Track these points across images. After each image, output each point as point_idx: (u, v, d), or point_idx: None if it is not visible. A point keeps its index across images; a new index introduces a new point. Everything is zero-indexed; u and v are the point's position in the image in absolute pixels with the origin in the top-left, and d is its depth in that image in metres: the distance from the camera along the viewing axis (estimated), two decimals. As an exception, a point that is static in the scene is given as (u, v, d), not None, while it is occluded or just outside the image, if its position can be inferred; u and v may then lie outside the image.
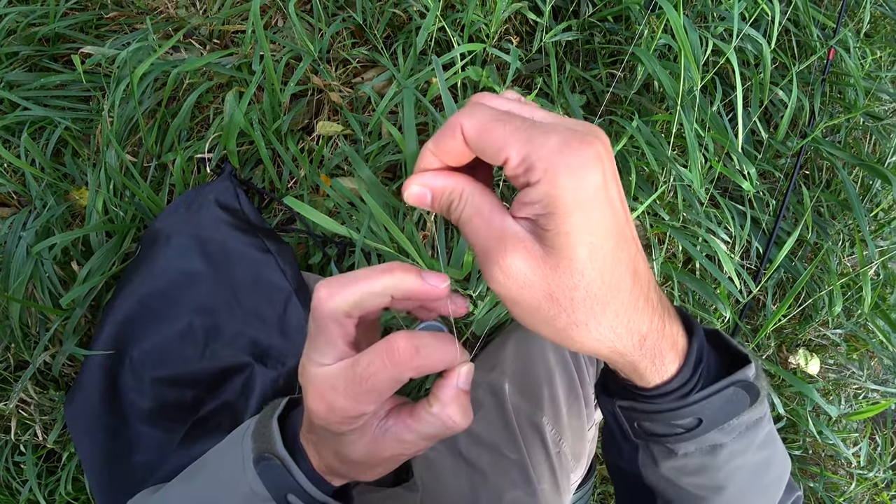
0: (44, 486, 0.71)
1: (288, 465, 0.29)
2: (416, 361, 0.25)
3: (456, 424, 0.27)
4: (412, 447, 0.27)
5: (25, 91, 0.76)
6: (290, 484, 0.29)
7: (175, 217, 0.67)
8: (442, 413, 0.26)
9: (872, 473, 0.94)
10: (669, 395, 0.26)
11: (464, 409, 0.27)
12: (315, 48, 0.78)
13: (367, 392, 0.25)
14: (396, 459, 0.28)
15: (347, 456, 0.28)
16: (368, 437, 0.27)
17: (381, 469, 0.29)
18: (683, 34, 0.65)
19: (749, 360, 0.26)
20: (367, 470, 0.29)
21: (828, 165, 0.98)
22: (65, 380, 0.70)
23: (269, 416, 0.32)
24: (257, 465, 0.29)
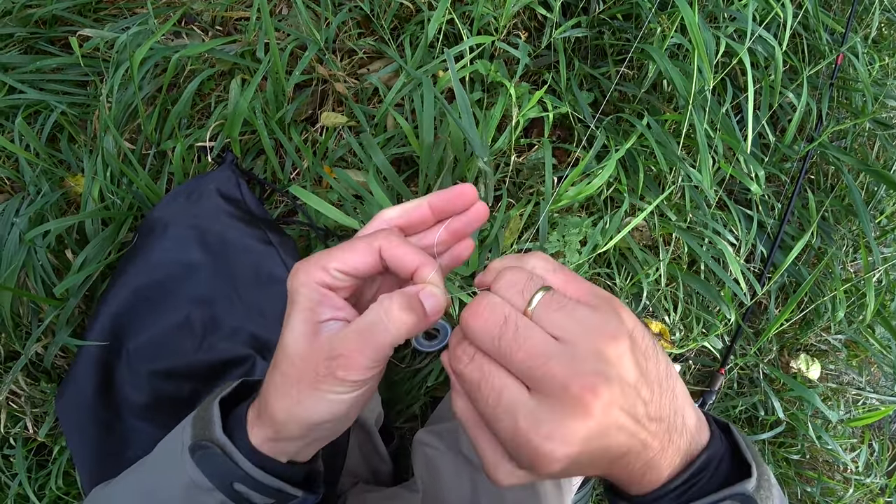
0: (34, 481, 0.69)
1: (229, 451, 0.27)
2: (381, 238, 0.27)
3: (395, 316, 0.26)
4: (350, 346, 0.26)
5: (20, 74, 0.74)
6: (233, 471, 0.28)
7: (174, 206, 0.65)
8: (384, 300, 0.26)
9: (870, 479, 0.94)
10: (660, 500, 0.27)
11: (407, 305, 0.26)
12: (321, 37, 0.76)
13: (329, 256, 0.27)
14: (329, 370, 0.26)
15: (286, 347, 0.27)
16: (311, 326, 0.27)
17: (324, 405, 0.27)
18: (697, 32, 0.64)
19: (750, 473, 0.26)
20: (297, 384, 0.27)
21: (833, 170, 0.98)
22: (57, 372, 0.68)
23: (213, 399, 0.30)
24: (194, 453, 0.28)
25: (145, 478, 0.31)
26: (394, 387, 0.79)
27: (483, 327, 0.24)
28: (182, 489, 0.28)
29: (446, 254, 0.32)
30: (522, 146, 0.84)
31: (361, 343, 0.26)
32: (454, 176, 0.71)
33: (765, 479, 0.27)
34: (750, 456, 0.27)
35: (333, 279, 0.27)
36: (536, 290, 0.24)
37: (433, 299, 0.27)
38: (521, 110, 0.72)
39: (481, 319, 0.24)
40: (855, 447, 0.96)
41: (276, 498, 0.29)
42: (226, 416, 0.29)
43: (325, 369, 0.26)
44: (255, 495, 0.28)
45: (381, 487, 0.64)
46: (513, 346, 0.23)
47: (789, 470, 0.96)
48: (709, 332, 0.88)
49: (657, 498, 0.26)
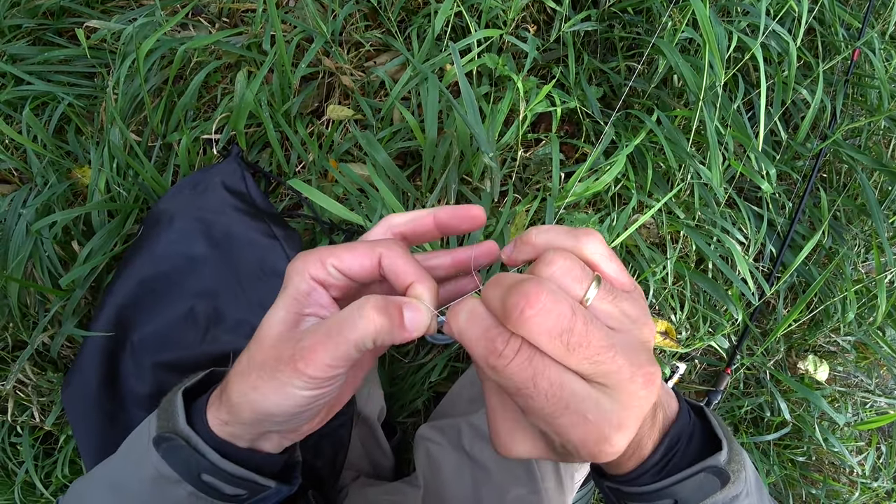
0: (40, 469, 0.70)
1: (194, 442, 0.27)
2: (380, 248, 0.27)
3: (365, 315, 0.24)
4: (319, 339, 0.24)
5: (28, 65, 0.74)
6: (199, 462, 0.27)
7: (179, 198, 0.65)
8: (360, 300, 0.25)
9: (877, 483, 0.93)
10: (639, 479, 0.28)
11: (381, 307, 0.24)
12: (327, 30, 0.75)
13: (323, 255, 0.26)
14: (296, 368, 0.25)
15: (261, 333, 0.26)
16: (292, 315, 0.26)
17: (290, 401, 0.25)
18: (709, 26, 0.63)
19: (721, 446, 0.28)
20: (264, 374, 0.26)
21: (846, 169, 0.96)
22: (63, 361, 0.69)
23: (177, 389, 0.29)
24: (158, 446, 0.27)
25: (114, 471, 0.31)
26: (397, 381, 0.79)
27: (549, 322, 0.21)
28: (149, 482, 0.28)
29: (450, 284, 0.31)
30: (530, 141, 0.83)
31: (326, 337, 0.24)
32: (460, 171, 0.71)
33: (735, 454, 0.28)
34: (721, 433, 0.29)
35: (328, 275, 0.27)
36: (592, 279, 0.23)
37: (416, 314, 0.25)
38: (528, 105, 0.71)
39: (547, 312, 0.21)
40: (862, 450, 0.95)
41: (246, 488, 0.28)
42: (192, 405, 0.29)
43: (288, 358, 0.25)
44: (223, 485, 0.28)
45: (383, 482, 0.64)
46: (582, 340, 0.22)
47: (794, 472, 0.95)
48: (715, 331, 0.87)
49: (640, 475, 0.28)
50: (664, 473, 0.27)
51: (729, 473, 0.27)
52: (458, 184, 0.71)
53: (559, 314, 0.21)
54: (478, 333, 0.23)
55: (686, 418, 0.29)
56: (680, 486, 0.27)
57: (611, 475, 0.29)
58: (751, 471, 0.29)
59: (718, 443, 0.28)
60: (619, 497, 0.29)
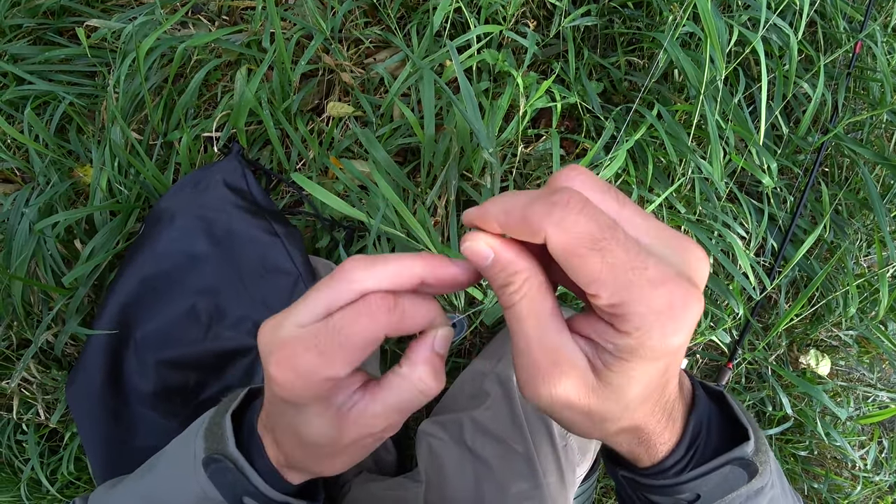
0: (46, 466, 0.70)
1: (241, 466, 0.28)
2: (395, 314, 0.23)
3: (426, 387, 0.24)
4: (381, 422, 0.25)
5: (29, 65, 0.74)
6: (244, 486, 0.28)
7: (181, 197, 0.65)
8: (412, 374, 0.24)
9: (878, 477, 0.93)
10: (663, 473, 0.26)
11: (436, 371, 0.24)
12: (327, 27, 0.75)
13: (339, 346, 0.22)
14: (362, 442, 0.25)
15: (307, 436, 0.25)
16: (333, 412, 0.24)
17: (346, 458, 0.27)
18: (710, 20, 0.63)
19: (748, 435, 0.26)
20: (331, 457, 0.26)
21: (848, 163, 0.96)
22: (67, 359, 0.70)
23: (224, 411, 0.30)
24: (207, 467, 0.28)
25: (152, 488, 0.32)
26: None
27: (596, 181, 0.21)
28: (194, 500, 0.28)
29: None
30: (530, 137, 0.83)
31: (401, 415, 0.25)
32: (460, 167, 0.71)
33: (762, 443, 0.26)
34: (746, 420, 0.27)
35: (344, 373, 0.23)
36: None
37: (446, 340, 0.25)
38: (528, 100, 0.71)
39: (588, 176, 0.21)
40: (864, 444, 0.95)
41: None
42: (237, 425, 0.30)
43: (371, 440, 0.26)
44: None
45: (385, 477, 0.65)
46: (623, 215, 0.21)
47: (796, 466, 0.95)
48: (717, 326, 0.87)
49: (666, 469, 0.26)
50: (690, 467, 0.26)
51: (757, 465, 0.25)
52: (459, 180, 0.71)
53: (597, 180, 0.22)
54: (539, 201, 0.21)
55: (704, 405, 0.27)
56: (703, 479, 0.25)
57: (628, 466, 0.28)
58: (773, 462, 0.27)
59: (741, 430, 0.27)
60: (635, 488, 0.28)
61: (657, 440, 0.26)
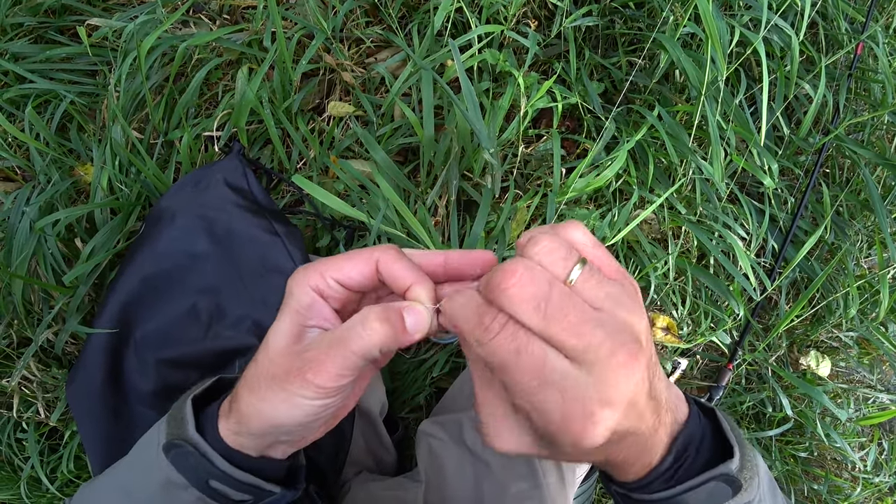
0: (46, 464, 0.70)
1: (203, 450, 0.28)
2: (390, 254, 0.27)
3: (367, 318, 0.25)
4: (315, 353, 0.25)
5: (30, 63, 0.74)
6: (208, 469, 0.28)
7: (181, 196, 0.65)
8: (365, 309, 0.26)
9: (878, 479, 0.93)
10: (647, 487, 0.27)
11: (383, 317, 0.26)
12: (328, 26, 0.75)
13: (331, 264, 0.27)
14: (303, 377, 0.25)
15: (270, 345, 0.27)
16: (297, 328, 0.27)
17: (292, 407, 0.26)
18: (711, 21, 0.63)
19: (732, 453, 0.27)
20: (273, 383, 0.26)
21: (849, 164, 0.96)
22: (68, 358, 0.70)
23: (186, 396, 0.30)
24: (168, 452, 0.28)
25: (124, 477, 0.32)
26: (399, 377, 0.79)
27: (526, 292, 0.22)
28: (159, 487, 0.28)
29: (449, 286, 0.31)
30: (531, 137, 0.83)
31: (333, 348, 0.25)
32: (461, 167, 0.71)
33: (748, 460, 0.27)
34: (733, 437, 0.28)
35: (328, 286, 0.27)
36: (577, 260, 0.24)
37: (417, 316, 0.26)
38: (529, 100, 0.71)
39: (523, 285, 0.22)
40: (864, 446, 0.95)
41: (252, 494, 0.29)
42: (201, 412, 0.30)
43: (297, 370, 0.26)
44: (230, 491, 0.28)
45: (385, 477, 0.65)
46: (559, 313, 0.22)
47: (796, 467, 0.95)
48: (717, 326, 0.87)
49: (650, 482, 0.27)
50: (674, 481, 0.27)
51: (741, 481, 0.26)
52: (459, 180, 0.71)
53: (536, 285, 0.22)
54: (468, 313, 0.24)
55: (696, 422, 0.28)
56: (690, 494, 0.26)
57: (619, 481, 0.29)
58: (764, 475, 0.28)
59: (730, 448, 0.27)
60: (628, 502, 0.29)
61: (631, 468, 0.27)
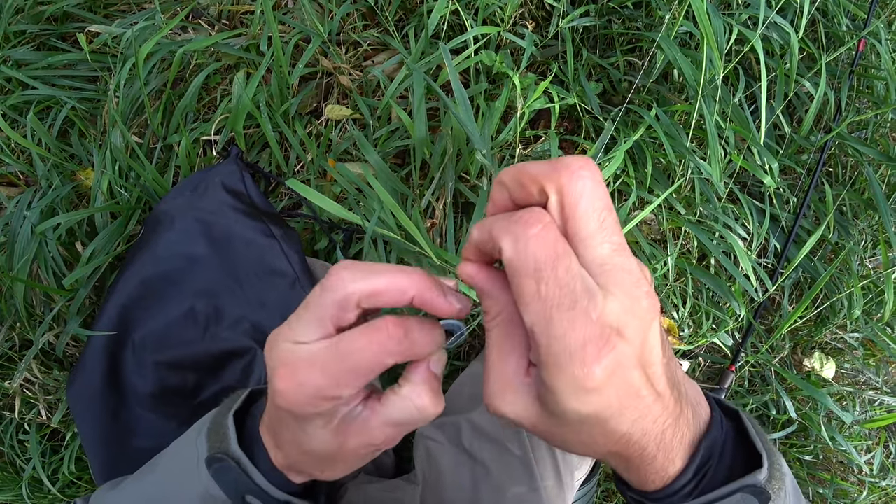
0: (47, 465, 0.71)
1: (244, 465, 0.28)
2: (404, 344, 0.24)
3: (425, 406, 0.25)
4: (379, 435, 0.26)
5: (32, 70, 0.75)
6: (247, 485, 0.28)
7: (180, 199, 0.66)
8: (412, 393, 0.25)
9: (885, 482, 0.92)
10: (669, 498, 0.26)
11: (434, 392, 0.26)
12: (325, 30, 0.76)
13: (348, 371, 0.23)
14: (361, 453, 0.27)
15: (310, 445, 0.26)
16: (334, 425, 0.25)
17: (345, 466, 0.28)
18: (707, 20, 0.62)
19: (762, 462, 0.25)
20: (331, 464, 0.27)
21: (852, 162, 0.95)
22: (69, 360, 0.70)
23: (226, 411, 0.30)
24: (210, 466, 0.28)
25: (154, 487, 0.32)
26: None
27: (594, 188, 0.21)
28: (198, 499, 0.29)
29: None
30: (529, 138, 0.83)
31: (400, 431, 0.26)
32: (457, 169, 0.71)
33: (776, 469, 0.26)
34: (760, 444, 0.26)
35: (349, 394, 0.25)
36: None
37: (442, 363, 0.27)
38: (526, 101, 0.71)
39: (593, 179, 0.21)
40: (870, 449, 0.93)
41: None
42: (239, 425, 0.30)
43: (370, 450, 0.26)
44: None
45: (383, 479, 0.64)
46: (612, 225, 0.21)
47: (801, 471, 0.94)
48: (719, 328, 0.86)
49: (672, 493, 0.26)
50: (698, 492, 0.25)
51: (769, 493, 0.25)
52: (456, 182, 0.71)
53: (602, 189, 0.21)
54: (506, 217, 0.22)
55: (719, 427, 0.27)
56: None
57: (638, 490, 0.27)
58: (790, 483, 0.27)
59: (756, 455, 0.26)
60: None
61: (648, 468, 0.25)
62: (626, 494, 0.29)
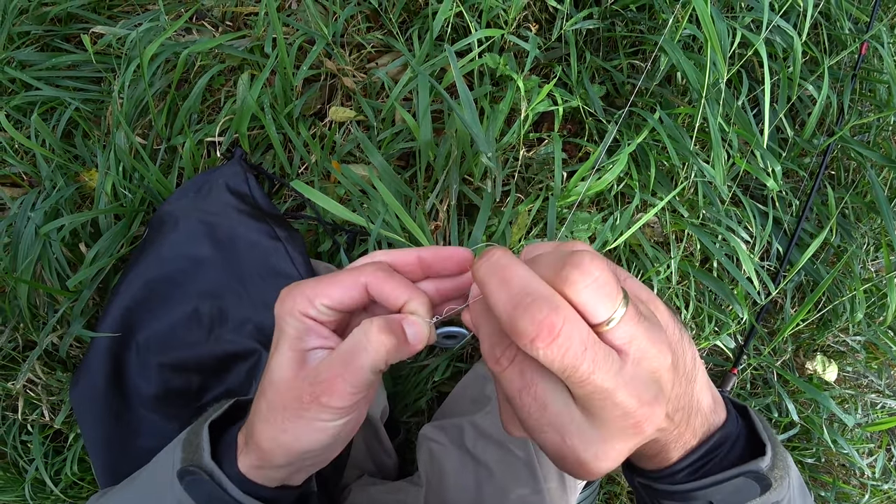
0: (50, 466, 0.71)
1: (217, 478, 0.27)
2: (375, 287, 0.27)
3: (370, 331, 0.25)
4: (326, 371, 0.25)
5: (37, 71, 0.75)
6: (221, 497, 0.28)
7: (184, 201, 0.66)
8: (365, 323, 0.26)
9: (887, 486, 0.92)
10: (672, 476, 0.27)
11: (384, 327, 0.26)
12: (329, 32, 0.76)
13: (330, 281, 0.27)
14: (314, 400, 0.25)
15: (272, 377, 0.27)
16: (298, 354, 0.27)
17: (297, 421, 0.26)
18: (710, 23, 0.62)
19: (764, 451, 0.27)
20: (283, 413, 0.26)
21: (855, 166, 0.95)
22: (72, 361, 0.70)
23: (203, 422, 0.30)
24: (182, 479, 0.28)
25: (137, 496, 0.32)
26: (400, 381, 0.79)
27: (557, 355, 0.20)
28: None
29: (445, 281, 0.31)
30: (532, 140, 0.83)
31: (343, 367, 0.25)
32: (461, 171, 0.71)
33: (780, 460, 0.27)
34: (766, 436, 0.28)
35: (319, 313, 0.27)
36: (621, 298, 0.21)
37: (415, 327, 0.27)
38: (530, 104, 0.71)
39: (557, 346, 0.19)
40: (872, 452, 0.94)
41: None
42: (219, 437, 0.30)
43: (310, 396, 0.25)
44: None
45: (386, 481, 0.64)
46: (585, 377, 0.20)
47: (804, 473, 0.94)
48: (721, 330, 0.86)
49: (672, 473, 0.27)
50: (700, 473, 0.27)
51: (770, 480, 0.26)
52: (460, 184, 0.71)
53: (570, 352, 0.20)
54: (486, 332, 0.24)
55: (733, 425, 0.28)
56: (715, 488, 0.26)
57: (641, 470, 0.29)
58: (795, 477, 0.28)
59: (762, 447, 0.27)
60: (652, 495, 0.29)
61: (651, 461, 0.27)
62: (631, 479, 0.30)
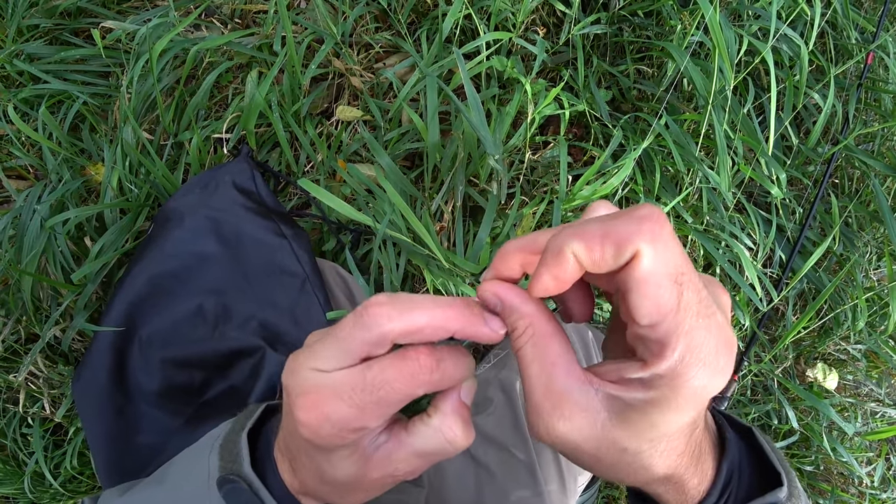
0: (50, 459, 0.71)
1: (256, 489, 0.27)
2: (435, 375, 0.23)
3: (456, 437, 0.24)
4: (404, 466, 0.25)
5: (45, 64, 0.75)
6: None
7: (190, 197, 0.66)
8: (443, 425, 0.24)
9: (886, 495, 0.92)
10: None
11: (465, 422, 0.25)
12: (338, 31, 0.76)
13: (376, 403, 0.22)
14: (383, 482, 0.26)
15: (331, 476, 0.25)
16: (358, 455, 0.24)
17: (364, 494, 0.27)
18: (718, 31, 0.63)
19: (781, 481, 0.25)
20: (350, 493, 0.26)
21: (859, 175, 0.95)
22: (74, 355, 0.70)
23: (239, 429, 0.30)
24: (221, 487, 0.27)
25: (168, 498, 0.32)
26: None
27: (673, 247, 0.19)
28: None
29: None
30: (538, 144, 0.83)
31: (427, 462, 0.25)
32: (467, 173, 0.71)
33: (794, 487, 0.26)
34: (778, 463, 0.26)
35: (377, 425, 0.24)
36: None
37: (472, 391, 0.26)
38: (536, 107, 0.71)
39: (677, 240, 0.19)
40: (872, 461, 0.94)
41: None
42: (252, 441, 0.29)
43: (391, 480, 0.25)
44: None
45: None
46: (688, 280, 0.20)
47: (802, 481, 0.94)
48: (723, 337, 0.86)
49: None
50: None
51: None
52: (465, 185, 0.71)
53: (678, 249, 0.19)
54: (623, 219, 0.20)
55: (735, 449, 0.27)
56: None
57: None
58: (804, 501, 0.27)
59: (774, 474, 0.26)
60: None
61: (688, 485, 0.25)
62: None
